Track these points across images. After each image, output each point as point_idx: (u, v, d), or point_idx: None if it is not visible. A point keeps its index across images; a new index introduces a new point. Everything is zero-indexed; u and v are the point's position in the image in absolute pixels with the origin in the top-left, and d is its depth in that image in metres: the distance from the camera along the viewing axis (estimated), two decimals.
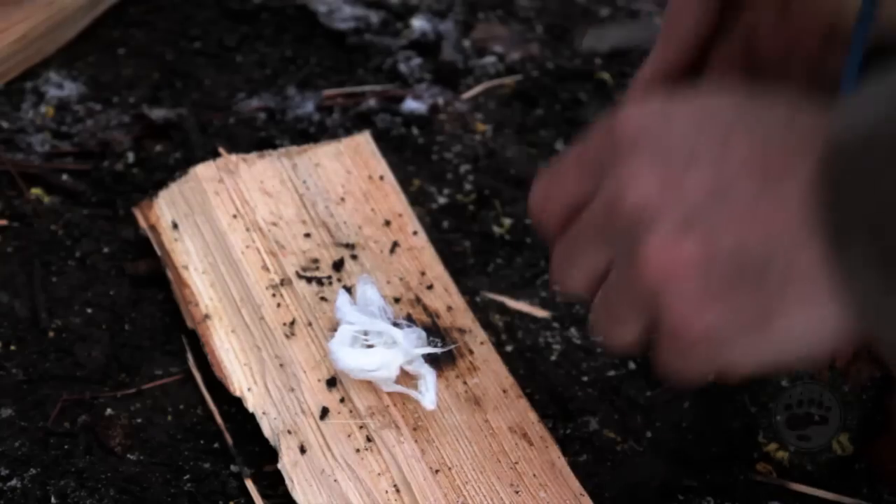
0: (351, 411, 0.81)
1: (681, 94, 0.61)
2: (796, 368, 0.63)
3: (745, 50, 0.75)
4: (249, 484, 0.80)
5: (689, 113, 0.59)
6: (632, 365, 0.89)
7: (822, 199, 0.53)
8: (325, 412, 0.81)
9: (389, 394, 0.81)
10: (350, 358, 0.80)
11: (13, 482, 0.80)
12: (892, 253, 0.51)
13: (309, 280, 0.89)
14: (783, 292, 0.56)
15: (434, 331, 0.86)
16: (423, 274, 0.90)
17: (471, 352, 0.86)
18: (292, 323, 0.86)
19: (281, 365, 0.84)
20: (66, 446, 0.83)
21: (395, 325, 0.81)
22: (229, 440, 0.83)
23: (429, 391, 0.80)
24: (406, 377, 0.81)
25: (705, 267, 0.57)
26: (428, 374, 0.81)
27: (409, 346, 0.79)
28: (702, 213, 0.57)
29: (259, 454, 0.82)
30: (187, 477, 0.81)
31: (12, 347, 0.89)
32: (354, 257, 0.90)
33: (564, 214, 0.64)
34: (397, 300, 0.88)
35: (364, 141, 0.99)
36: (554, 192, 0.65)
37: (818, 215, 0.54)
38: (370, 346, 0.81)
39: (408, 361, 0.80)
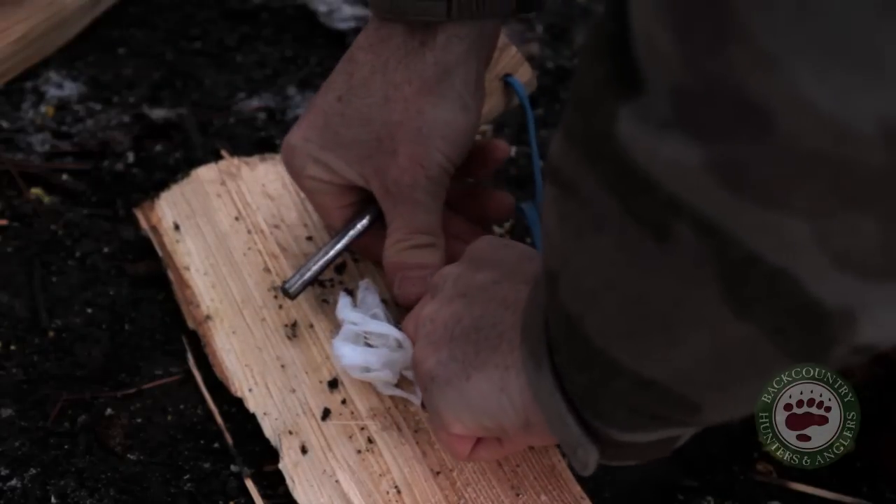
0: (352, 413, 0.81)
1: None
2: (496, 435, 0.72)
3: None
4: (249, 484, 0.80)
5: (524, 247, 0.75)
6: None
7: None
8: (326, 413, 0.81)
9: (391, 396, 0.81)
10: (354, 355, 0.80)
11: (13, 482, 0.80)
12: (537, 340, 0.63)
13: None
14: (490, 354, 0.67)
15: None
16: None
17: None
18: (294, 325, 0.86)
19: (282, 366, 0.84)
20: (66, 446, 0.82)
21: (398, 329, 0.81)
22: (229, 440, 0.83)
23: None
24: (405, 381, 0.81)
25: (452, 325, 0.70)
26: None
27: (410, 350, 0.79)
28: (475, 293, 0.71)
29: (259, 454, 0.82)
30: (187, 477, 0.81)
31: (12, 347, 0.89)
32: (356, 260, 0.90)
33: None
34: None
35: None
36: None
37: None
38: (372, 347, 0.81)
39: (406, 367, 0.80)
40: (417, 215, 0.82)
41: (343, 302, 0.83)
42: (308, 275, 0.84)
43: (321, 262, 0.85)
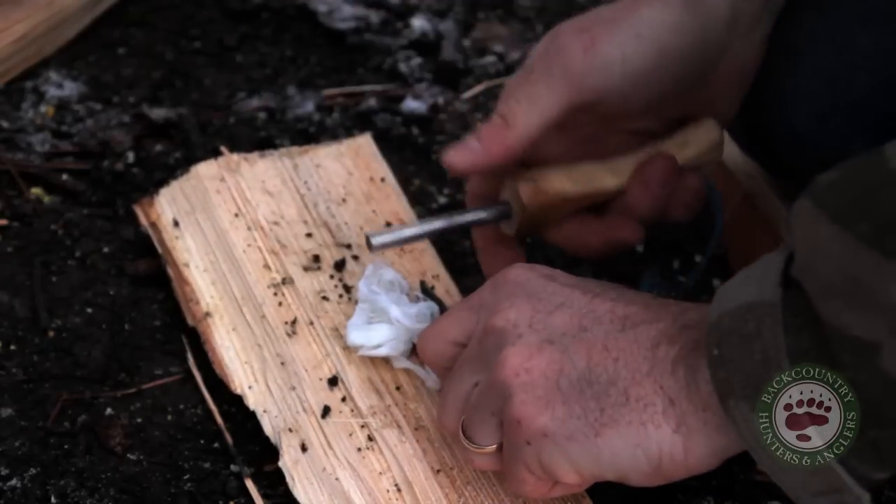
0: (352, 410, 0.81)
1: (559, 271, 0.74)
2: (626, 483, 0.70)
3: None
4: (249, 483, 0.80)
5: (566, 279, 0.72)
6: None
7: (709, 355, 0.63)
8: (326, 411, 0.81)
9: (391, 394, 0.82)
10: (357, 333, 0.81)
11: (13, 482, 0.80)
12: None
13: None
14: (619, 410, 0.66)
15: None
16: (423, 275, 0.90)
17: None
18: (294, 322, 0.86)
19: (282, 363, 0.84)
20: (66, 446, 0.82)
21: (417, 297, 0.83)
22: (229, 440, 0.83)
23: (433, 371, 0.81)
24: (416, 356, 0.82)
25: (555, 377, 0.67)
26: None
27: (417, 322, 0.80)
28: (562, 339, 0.68)
29: (259, 454, 0.82)
30: (187, 477, 0.81)
31: (12, 347, 0.89)
32: (356, 258, 0.90)
33: (448, 352, 0.74)
34: None
35: (365, 143, 0.99)
36: (439, 333, 0.75)
37: (692, 363, 0.65)
38: (380, 322, 0.82)
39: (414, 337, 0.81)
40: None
41: (364, 280, 0.85)
42: (399, 235, 0.80)
43: (418, 230, 0.81)
